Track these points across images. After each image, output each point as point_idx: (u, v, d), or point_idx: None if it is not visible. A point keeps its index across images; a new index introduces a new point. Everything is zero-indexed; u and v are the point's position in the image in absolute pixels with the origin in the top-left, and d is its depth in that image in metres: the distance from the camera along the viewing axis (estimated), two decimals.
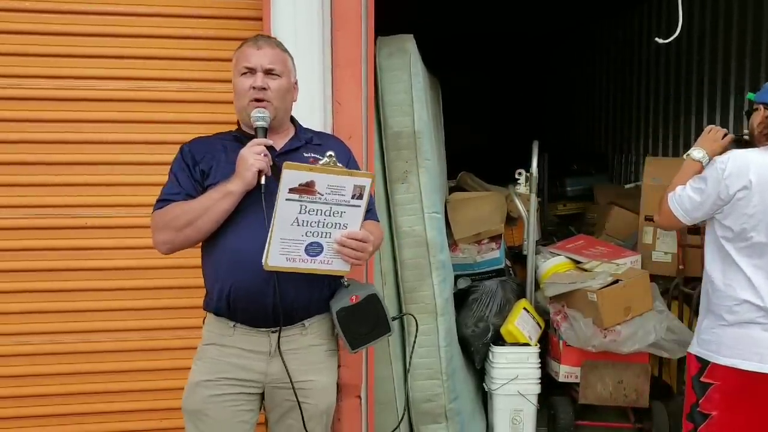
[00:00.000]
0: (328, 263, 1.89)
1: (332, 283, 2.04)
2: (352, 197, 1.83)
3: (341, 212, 1.84)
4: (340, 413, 2.66)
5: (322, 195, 1.80)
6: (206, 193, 1.91)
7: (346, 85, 2.73)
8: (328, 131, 2.68)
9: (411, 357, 2.75)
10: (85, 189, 2.77)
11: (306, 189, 1.77)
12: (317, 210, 1.81)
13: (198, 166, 1.98)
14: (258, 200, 1.87)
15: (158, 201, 1.98)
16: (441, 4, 6.71)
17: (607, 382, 3.59)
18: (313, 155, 2.03)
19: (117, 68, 2.76)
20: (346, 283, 2.03)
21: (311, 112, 2.60)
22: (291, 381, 1.96)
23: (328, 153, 1.91)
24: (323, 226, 1.84)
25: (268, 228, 1.81)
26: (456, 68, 7.53)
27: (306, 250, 1.84)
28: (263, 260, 1.81)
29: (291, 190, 1.76)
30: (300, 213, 1.80)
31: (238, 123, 2.10)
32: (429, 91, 3.53)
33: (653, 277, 3.73)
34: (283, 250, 1.82)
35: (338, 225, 1.85)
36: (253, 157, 1.86)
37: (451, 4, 6.78)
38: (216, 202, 1.87)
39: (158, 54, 2.78)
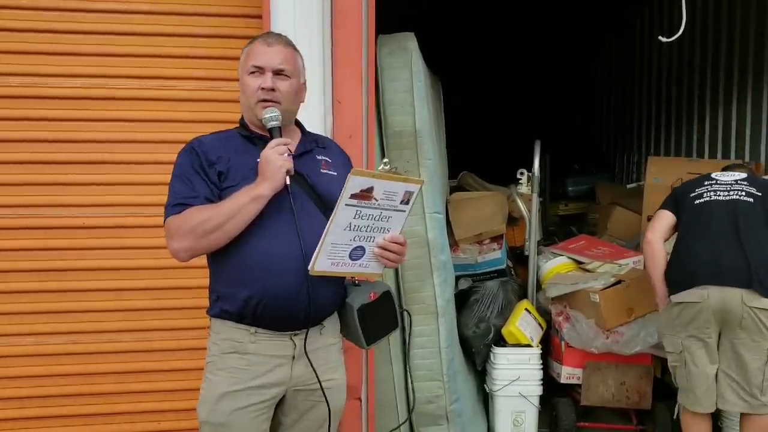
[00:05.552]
0: (366, 266, 1.89)
1: (343, 281, 2.03)
2: (400, 202, 1.84)
3: (388, 217, 1.84)
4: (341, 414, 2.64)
5: (377, 200, 1.79)
6: (232, 197, 1.83)
7: (347, 83, 2.71)
8: (329, 130, 2.66)
9: (409, 354, 2.72)
10: (83, 189, 2.75)
11: (364, 195, 1.77)
12: (369, 215, 1.81)
13: (214, 167, 1.89)
14: (283, 201, 1.84)
15: (172, 205, 1.86)
16: (443, 2, 6.69)
17: (609, 384, 3.57)
18: (324, 158, 2.01)
19: (116, 66, 2.74)
20: (356, 281, 2.03)
21: (311, 110, 2.57)
22: (319, 380, 1.94)
23: (385, 159, 1.90)
24: (370, 231, 1.84)
25: (298, 230, 1.81)
26: (457, 67, 7.50)
27: (350, 254, 1.84)
28: (310, 266, 1.79)
29: (352, 196, 1.75)
30: (354, 218, 1.79)
31: (240, 120, 2.04)
32: (430, 90, 3.51)
33: None
34: (330, 255, 1.80)
35: (383, 229, 1.86)
36: (280, 159, 1.82)
37: (453, 3, 6.76)
38: (244, 207, 1.80)
39: (157, 52, 2.76)
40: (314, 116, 2.60)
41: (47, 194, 2.73)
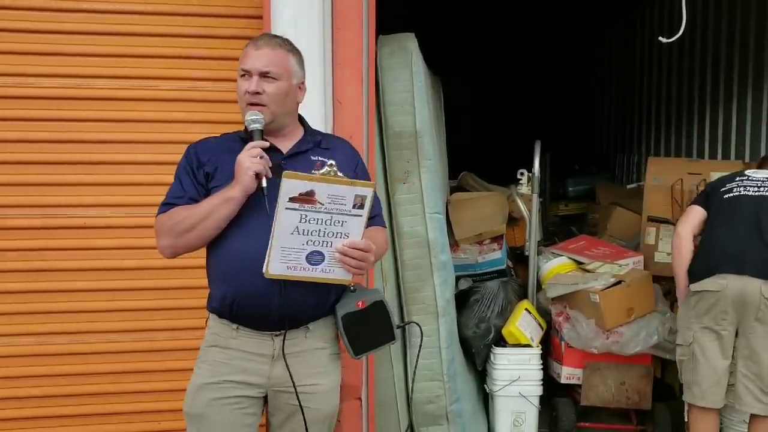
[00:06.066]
0: (330, 272, 1.87)
1: (338, 287, 2.01)
2: (354, 207, 1.81)
3: (342, 221, 1.81)
4: (340, 415, 2.63)
5: (323, 204, 1.77)
6: (208, 199, 1.88)
7: (347, 83, 2.71)
8: (329, 130, 2.66)
9: (417, 363, 2.74)
10: (84, 189, 2.75)
11: (306, 198, 1.75)
12: (318, 219, 1.79)
13: (203, 168, 1.95)
14: (262, 203, 1.85)
15: (162, 204, 1.95)
16: (443, 2, 6.70)
17: (609, 384, 3.57)
18: (320, 159, 1.99)
19: (116, 67, 2.74)
20: (352, 287, 2.01)
21: (311, 111, 2.57)
22: (294, 384, 1.93)
23: (329, 162, 1.89)
24: (324, 235, 1.82)
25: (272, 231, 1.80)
26: (457, 67, 7.52)
27: (307, 258, 1.83)
28: (264, 268, 1.79)
29: (291, 199, 1.74)
30: (300, 222, 1.78)
31: None
32: (430, 90, 3.51)
33: (656, 278, 3.71)
34: (283, 259, 1.80)
35: (339, 234, 1.83)
36: (249, 161, 1.83)
37: (453, 3, 6.76)
38: (216, 208, 1.85)
39: (158, 53, 2.76)
40: (314, 116, 2.59)
41: (48, 194, 2.72)
